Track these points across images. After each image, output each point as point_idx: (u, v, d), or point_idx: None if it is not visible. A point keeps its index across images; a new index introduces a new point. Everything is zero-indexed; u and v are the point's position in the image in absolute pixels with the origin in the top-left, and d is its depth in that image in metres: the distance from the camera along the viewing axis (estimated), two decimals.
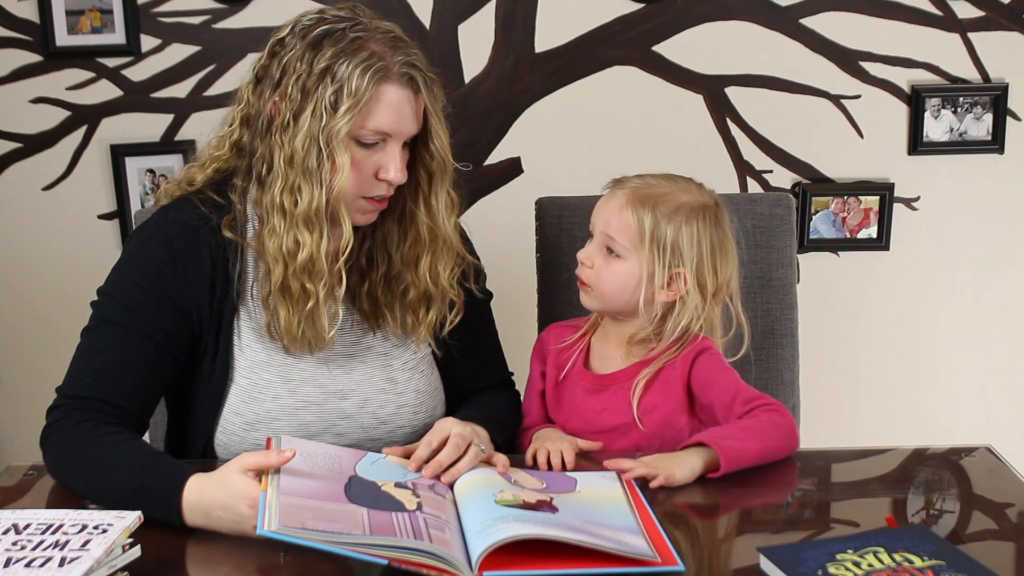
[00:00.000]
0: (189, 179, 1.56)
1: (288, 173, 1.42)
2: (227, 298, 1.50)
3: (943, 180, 2.61)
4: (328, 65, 1.40)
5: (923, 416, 2.72)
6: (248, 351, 1.51)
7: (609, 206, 1.55)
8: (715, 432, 1.44)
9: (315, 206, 1.42)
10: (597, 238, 1.56)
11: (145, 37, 2.50)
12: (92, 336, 1.48)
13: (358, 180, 1.44)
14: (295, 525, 1.11)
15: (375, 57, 1.40)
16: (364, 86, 1.39)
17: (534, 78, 2.55)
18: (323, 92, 1.39)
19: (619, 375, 1.57)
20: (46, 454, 1.43)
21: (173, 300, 1.47)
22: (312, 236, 1.43)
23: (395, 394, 1.56)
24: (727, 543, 1.30)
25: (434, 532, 1.16)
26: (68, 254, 2.61)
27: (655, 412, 1.54)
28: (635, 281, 1.53)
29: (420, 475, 1.35)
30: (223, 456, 1.51)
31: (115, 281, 1.50)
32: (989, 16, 2.52)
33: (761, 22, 2.52)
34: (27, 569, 1.06)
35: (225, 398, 1.51)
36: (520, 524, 1.16)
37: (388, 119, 1.42)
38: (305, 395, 1.51)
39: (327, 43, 1.41)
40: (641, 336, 1.56)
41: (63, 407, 1.44)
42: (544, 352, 1.66)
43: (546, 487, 1.33)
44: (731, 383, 1.52)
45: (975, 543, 1.24)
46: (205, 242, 1.48)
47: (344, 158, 1.41)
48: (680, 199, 1.54)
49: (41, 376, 2.67)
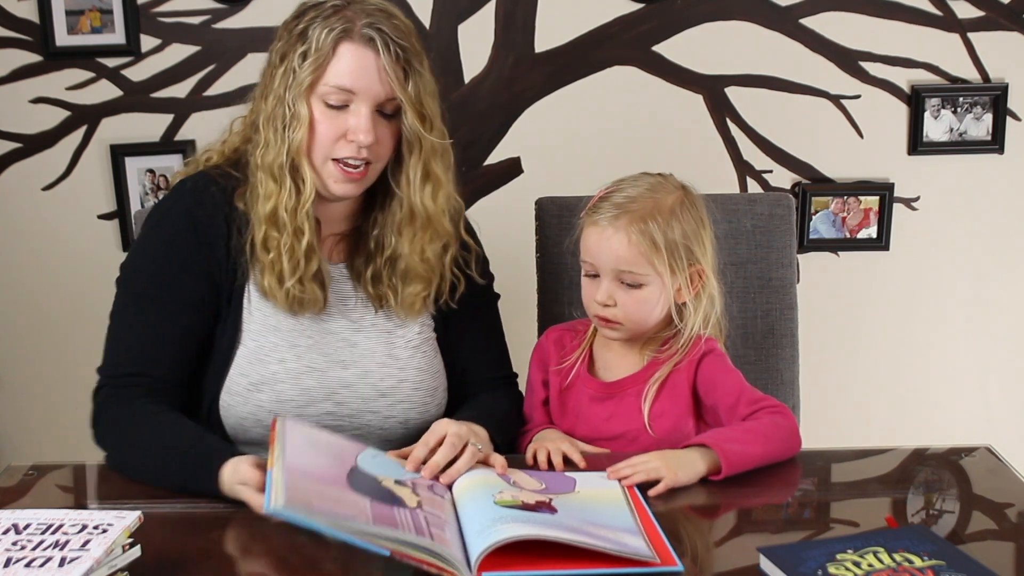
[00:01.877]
0: (207, 157, 1.62)
1: (265, 131, 1.50)
2: (239, 263, 1.54)
3: (943, 180, 2.61)
4: (304, 28, 1.47)
5: (923, 416, 2.72)
6: (257, 314, 1.55)
7: (612, 243, 1.50)
8: (718, 434, 1.43)
9: (278, 161, 1.48)
10: (608, 275, 1.51)
11: (145, 37, 2.50)
12: (124, 312, 1.53)
13: (323, 139, 1.49)
14: (301, 502, 1.11)
15: (344, 20, 1.46)
16: (326, 43, 1.45)
17: (534, 78, 2.55)
18: (294, 53, 1.47)
19: (626, 382, 1.57)
20: (97, 436, 1.49)
21: (198, 266, 1.52)
22: (276, 189, 1.49)
23: (396, 368, 1.58)
24: (727, 543, 1.30)
25: (435, 530, 1.16)
26: (68, 254, 2.61)
27: (663, 418, 1.54)
28: (663, 299, 1.53)
29: (419, 475, 1.35)
30: (226, 416, 1.54)
31: (140, 253, 1.56)
32: (989, 16, 2.52)
33: (761, 22, 2.52)
34: (27, 569, 1.06)
35: (232, 359, 1.54)
36: (519, 525, 1.16)
37: (346, 75, 1.46)
38: (310, 361, 1.54)
39: (310, 11, 1.49)
40: (663, 336, 1.56)
41: (107, 387, 1.50)
42: (545, 359, 1.65)
43: (545, 488, 1.33)
44: (736, 384, 1.52)
45: (975, 543, 1.24)
46: (221, 210, 1.54)
47: (303, 111, 1.47)
48: (665, 200, 1.52)
49: (41, 376, 2.69)
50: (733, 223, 1.87)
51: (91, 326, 2.59)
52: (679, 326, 1.56)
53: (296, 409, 1.52)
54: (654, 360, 1.57)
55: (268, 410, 1.52)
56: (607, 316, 1.53)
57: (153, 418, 1.44)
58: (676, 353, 1.55)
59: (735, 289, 1.86)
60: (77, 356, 2.61)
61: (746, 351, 1.86)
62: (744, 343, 1.86)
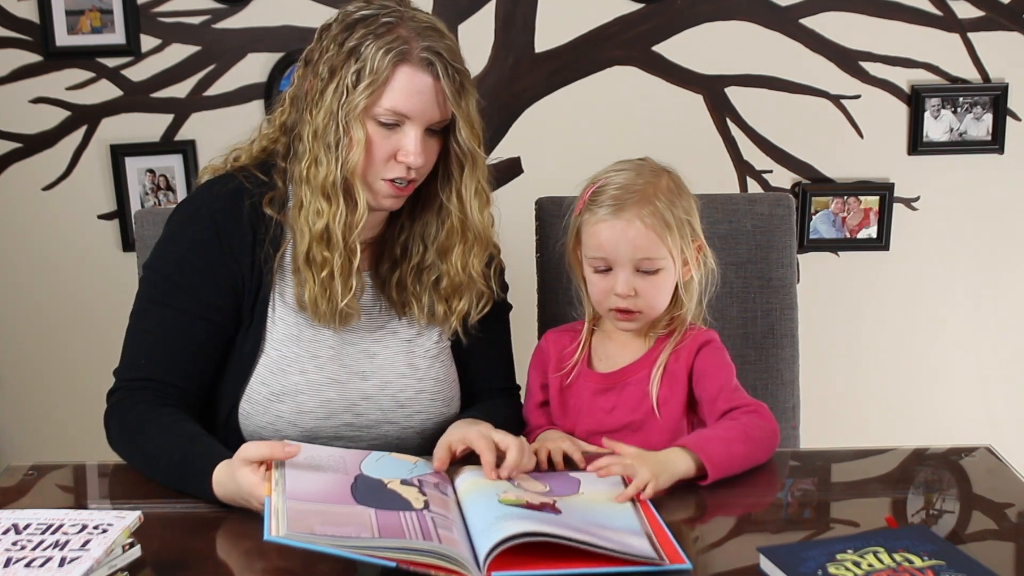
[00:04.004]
0: (235, 156, 1.61)
1: (313, 146, 1.47)
2: (265, 272, 1.53)
3: (943, 180, 2.61)
4: (355, 45, 1.44)
5: (923, 416, 2.72)
6: (280, 324, 1.54)
7: (628, 233, 1.49)
8: (699, 437, 1.42)
9: (331, 179, 1.46)
10: (626, 266, 1.51)
11: (145, 37, 2.51)
12: (143, 316, 1.52)
13: (375, 159, 1.47)
14: (303, 530, 1.10)
15: (399, 40, 1.44)
16: (383, 65, 1.43)
17: (534, 78, 2.55)
18: (347, 70, 1.44)
19: (627, 370, 1.57)
20: (109, 438, 1.49)
21: (220, 274, 1.51)
22: (329, 207, 1.47)
23: (415, 379, 1.58)
24: (727, 543, 1.30)
25: (442, 532, 1.16)
26: (68, 254, 2.61)
27: (666, 406, 1.53)
28: (674, 280, 1.54)
29: (424, 472, 1.34)
30: (245, 424, 1.54)
31: (162, 256, 1.54)
32: (989, 16, 2.52)
33: (761, 22, 2.52)
34: (27, 569, 1.06)
35: (254, 368, 1.53)
36: (526, 522, 1.16)
37: (403, 100, 1.45)
38: (331, 372, 1.54)
39: (360, 26, 1.45)
40: (666, 318, 1.56)
41: (121, 390, 1.50)
42: (544, 363, 1.64)
43: (549, 491, 1.33)
44: (722, 378, 1.51)
45: (975, 543, 1.24)
46: (247, 217, 1.52)
47: (359, 134, 1.45)
48: (659, 182, 1.53)
49: (41, 376, 2.69)
50: (733, 223, 1.87)
51: (91, 326, 2.62)
52: (686, 303, 1.56)
53: (316, 421, 1.52)
54: (656, 343, 1.57)
55: (288, 421, 1.51)
56: (627, 307, 1.52)
57: (156, 423, 1.43)
58: (676, 332, 1.55)
59: (735, 289, 1.86)
60: (77, 356, 2.63)
61: (746, 351, 1.86)
62: (744, 343, 1.86)
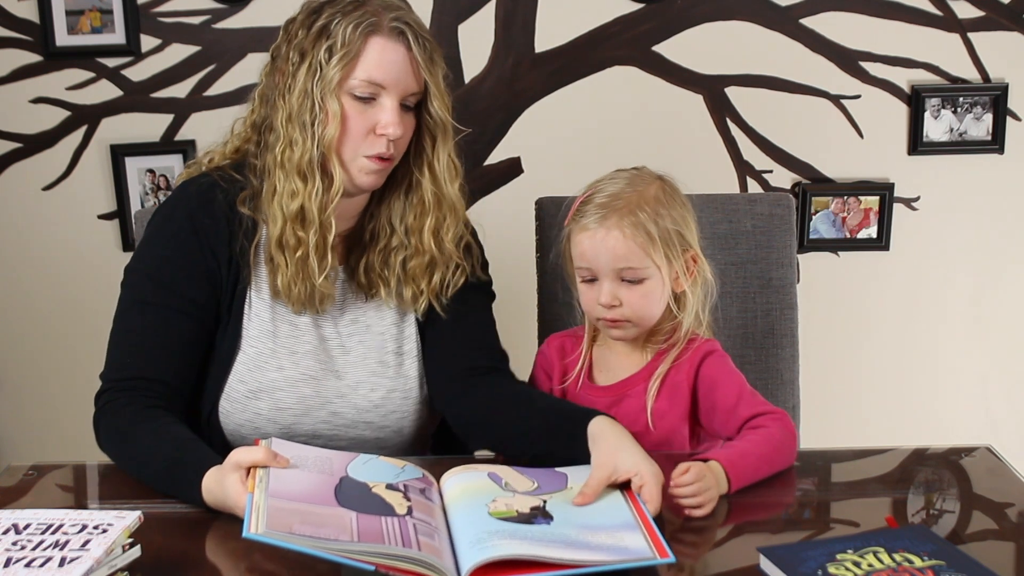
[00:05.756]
0: (210, 158, 1.62)
1: (287, 129, 1.47)
2: (242, 266, 1.53)
3: (943, 180, 2.61)
4: (324, 24, 1.45)
5: (923, 416, 2.72)
6: (256, 320, 1.54)
7: (608, 242, 1.49)
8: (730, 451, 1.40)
9: (307, 157, 1.46)
10: (608, 276, 1.51)
11: (145, 37, 2.51)
12: (127, 317, 1.52)
13: (353, 136, 1.47)
14: (282, 529, 1.10)
15: (368, 14, 1.45)
16: (355, 37, 1.44)
17: (534, 78, 2.55)
18: (318, 49, 1.45)
19: (627, 383, 1.56)
20: (98, 441, 1.48)
21: (201, 270, 1.51)
22: (304, 186, 1.47)
23: (386, 378, 1.58)
24: (727, 543, 1.30)
25: (423, 539, 1.15)
26: (68, 254, 2.61)
27: (663, 419, 1.53)
28: (664, 290, 1.52)
29: (411, 477, 1.33)
30: (225, 423, 1.54)
31: (143, 257, 1.55)
32: (989, 16, 2.52)
33: (761, 22, 2.52)
34: (27, 569, 1.06)
35: (232, 365, 1.53)
36: (516, 542, 1.14)
37: (377, 69, 1.45)
38: (307, 368, 1.54)
39: (327, 7, 1.47)
40: (665, 329, 1.56)
41: (109, 391, 1.49)
42: (549, 369, 1.64)
43: (537, 487, 1.32)
44: (737, 385, 1.51)
45: (975, 543, 1.24)
46: (222, 214, 1.52)
47: (334, 107, 1.45)
48: (647, 191, 1.52)
49: (41, 376, 2.69)
50: (733, 223, 1.87)
51: (91, 326, 2.61)
52: (679, 315, 1.55)
53: (294, 418, 1.52)
54: (656, 355, 1.56)
55: (267, 418, 1.51)
56: (614, 317, 1.52)
57: (144, 425, 1.43)
58: (677, 344, 1.55)
59: (735, 289, 1.86)
60: (77, 356, 2.63)
61: (746, 351, 1.86)
62: (744, 343, 1.86)
